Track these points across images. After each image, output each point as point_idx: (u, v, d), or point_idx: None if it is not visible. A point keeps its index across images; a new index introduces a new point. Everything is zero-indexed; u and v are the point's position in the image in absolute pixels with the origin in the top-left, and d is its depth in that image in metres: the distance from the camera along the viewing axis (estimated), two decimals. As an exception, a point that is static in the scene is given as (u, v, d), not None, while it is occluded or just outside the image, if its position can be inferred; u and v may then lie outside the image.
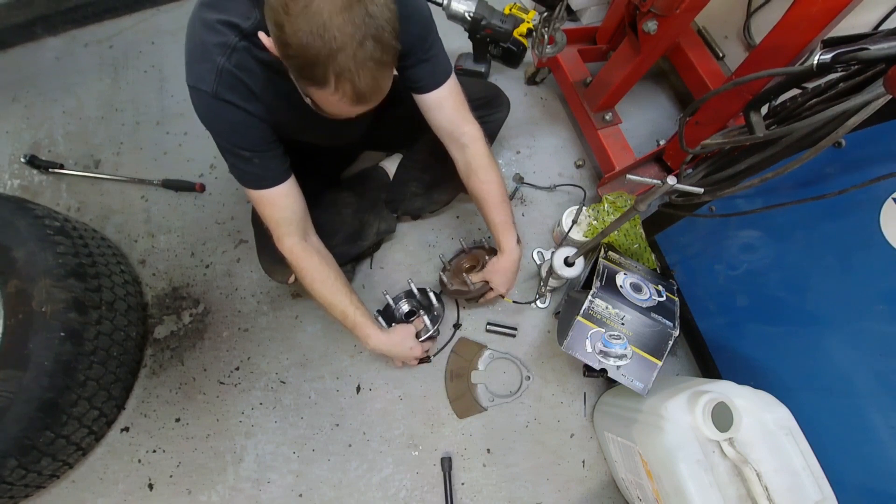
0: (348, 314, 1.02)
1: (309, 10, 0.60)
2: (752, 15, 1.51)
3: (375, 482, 1.21)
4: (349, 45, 0.61)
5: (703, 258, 1.19)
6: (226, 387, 1.28)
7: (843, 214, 0.83)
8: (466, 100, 1.01)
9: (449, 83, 0.97)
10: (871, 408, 0.84)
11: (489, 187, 1.05)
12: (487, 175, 1.04)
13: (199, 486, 1.19)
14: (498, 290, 1.19)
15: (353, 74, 0.64)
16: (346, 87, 0.66)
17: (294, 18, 0.60)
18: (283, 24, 0.62)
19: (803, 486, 0.81)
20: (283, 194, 0.92)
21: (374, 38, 0.63)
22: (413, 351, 1.14)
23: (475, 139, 1.02)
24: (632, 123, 1.63)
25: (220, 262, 1.40)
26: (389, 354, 1.13)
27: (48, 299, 0.98)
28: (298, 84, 0.73)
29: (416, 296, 1.29)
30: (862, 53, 0.66)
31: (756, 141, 0.83)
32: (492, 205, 1.07)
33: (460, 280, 1.25)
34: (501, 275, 1.16)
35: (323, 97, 0.70)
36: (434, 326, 1.21)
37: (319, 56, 0.62)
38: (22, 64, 1.65)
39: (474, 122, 1.03)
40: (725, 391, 0.89)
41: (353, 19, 0.61)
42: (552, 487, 1.23)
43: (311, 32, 0.60)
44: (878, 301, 0.80)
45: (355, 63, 0.63)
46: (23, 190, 1.46)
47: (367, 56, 0.63)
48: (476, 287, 1.22)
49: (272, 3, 0.62)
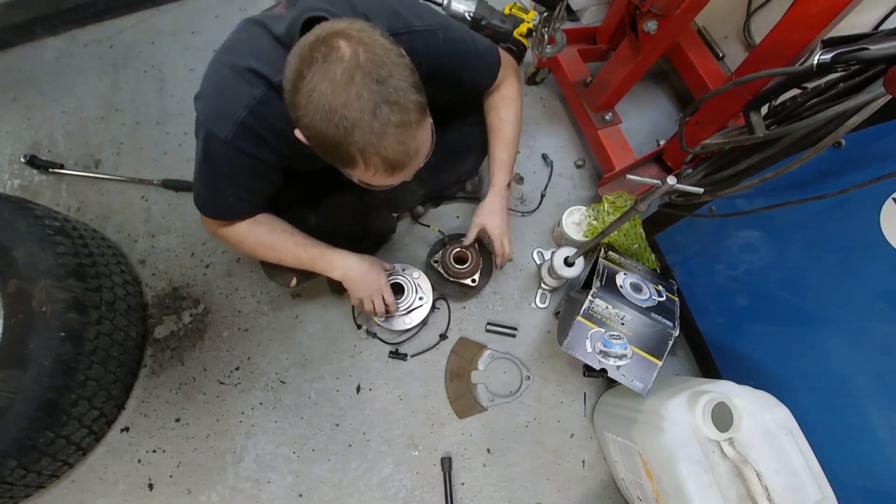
0: (300, 254, 0.96)
1: (313, 98, 0.58)
2: (752, 15, 1.51)
3: (375, 482, 1.21)
4: (362, 119, 0.58)
5: (703, 258, 1.19)
6: (226, 387, 1.28)
7: (843, 214, 0.83)
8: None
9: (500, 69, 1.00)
10: (871, 408, 0.84)
11: (503, 125, 1.06)
12: (506, 113, 1.05)
13: (199, 486, 1.19)
14: (492, 231, 1.14)
15: (377, 147, 0.61)
16: (375, 161, 0.63)
17: (303, 110, 0.59)
18: (298, 118, 0.61)
19: (803, 486, 0.81)
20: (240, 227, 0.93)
21: (388, 102, 0.59)
22: (380, 279, 1.09)
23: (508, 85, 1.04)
24: (632, 123, 1.63)
25: (220, 262, 1.40)
26: (356, 282, 1.04)
27: (48, 299, 0.98)
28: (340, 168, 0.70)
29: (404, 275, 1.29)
30: (862, 53, 0.66)
31: (756, 141, 0.83)
32: (500, 141, 1.07)
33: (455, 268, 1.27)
34: (492, 214, 1.13)
35: (358, 175, 0.68)
36: (413, 296, 1.24)
37: (337, 139, 0.60)
38: (22, 64, 1.65)
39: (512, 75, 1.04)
40: (725, 391, 0.89)
41: (360, 92, 0.57)
42: (552, 487, 1.23)
43: (321, 119, 0.59)
44: (878, 301, 0.80)
45: (375, 135, 0.60)
46: (23, 190, 1.46)
47: (385, 123, 0.60)
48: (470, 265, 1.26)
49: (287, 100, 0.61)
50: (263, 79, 0.74)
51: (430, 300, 1.28)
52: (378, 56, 0.59)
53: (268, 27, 0.75)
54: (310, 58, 0.58)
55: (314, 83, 0.58)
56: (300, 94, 0.59)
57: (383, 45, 0.60)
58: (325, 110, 0.58)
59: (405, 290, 1.26)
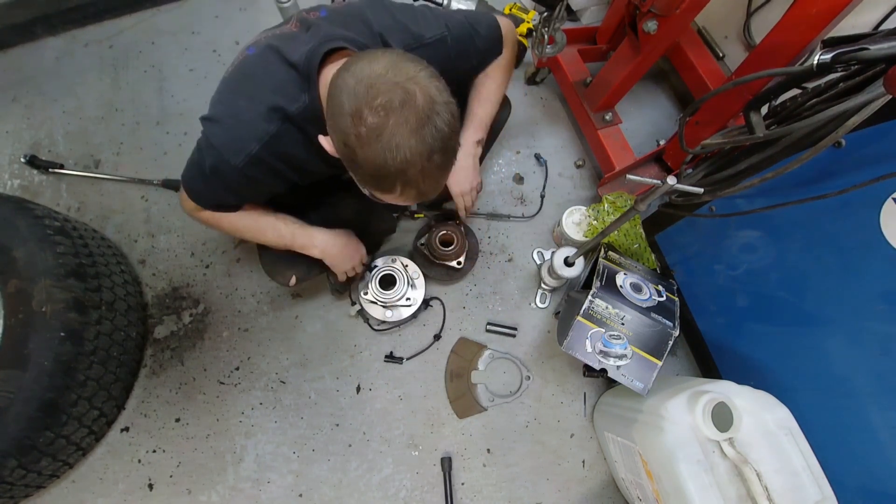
0: (280, 228, 0.99)
1: (382, 138, 0.61)
2: (752, 15, 1.51)
3: (375, 482, 1.21)
4: (418, 161, 0.64)
5: (703, 258, 1.19)
6: (226, 387, 1.28)
7: (843, 214, 0.83)
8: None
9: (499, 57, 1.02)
10: (871, 408, 0.84)
11: (487, 82, 1.05)
12: (494, 72, 1.05)
13: (199, 486, 1.19)
14: (452, 189, 1.14)
15: (419, 184, 0.67)
16: (411, 192, 0.69)
17: (367, 145, 0.62)
18: (353, 148, 0.63)
19: (803, 486, 0.81)
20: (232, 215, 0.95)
21: (441, 150, 0.65)
22: (359, 250, 1.14)
23: (504, 51, 1.04)
24: (632, 123, 1.63)
25: (220, 262, 1.40)
26: (336, 256, 1.07)
27: (48, 299, 0.98)
28: (359, 184, 0.74)
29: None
30: (862, 53, 0.66)
31: (756, 141, 0.83)
32: (480, 98, 1.06)
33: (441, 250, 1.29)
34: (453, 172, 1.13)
35: (385, 197, 0.72)
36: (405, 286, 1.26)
37: (389, 172, 0.64)
38: (22, 64, 1.65)
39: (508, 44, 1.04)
40: (725, 391, 0.89)
41: (424, 138, 0.63)
42: (552, 487, 1.23)
43: (383, 157, 0.62)
44: (878, 301, 0.80)
45: (423, 175, 0.66)
46: (23, 190, 1.46)
47: (434, 167, 0.66)
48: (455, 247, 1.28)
49: (341, 127, 0.63)
50: (280, 111, 0.76)
51: (423, 287, 1.29)
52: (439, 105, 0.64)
53: (282, 53, 0.77)
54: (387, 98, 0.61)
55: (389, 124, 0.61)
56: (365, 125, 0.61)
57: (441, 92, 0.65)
58: (390, 148, 0.62)
59: (396, 281, 1.26)
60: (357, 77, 0.62)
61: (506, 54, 1.04)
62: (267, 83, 0.77)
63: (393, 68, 0.62)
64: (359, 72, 0.63)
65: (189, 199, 0.92)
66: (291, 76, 0.76)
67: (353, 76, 0.63)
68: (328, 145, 0.72)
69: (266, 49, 0.79)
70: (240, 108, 0.77)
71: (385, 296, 1.23)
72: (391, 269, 1.27)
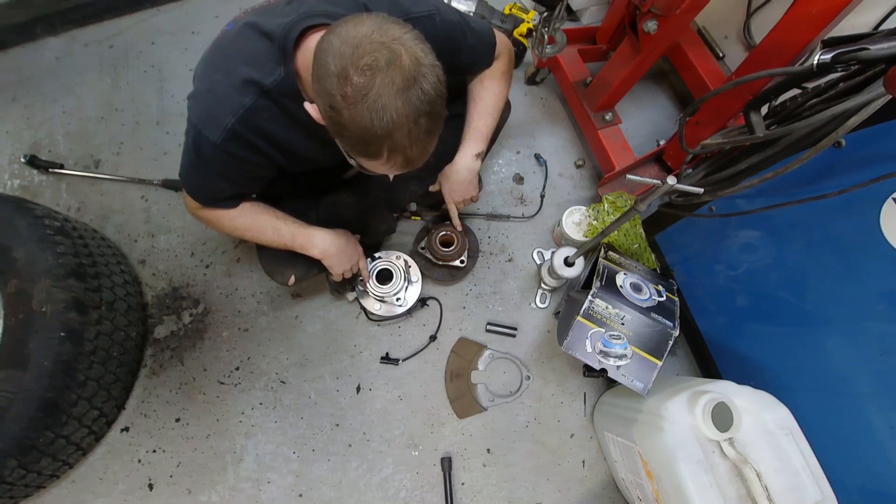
0: (280, 228, 0.99)
1: (368, 98, 0.61)
2: (752, 15, 1.51)
3: (375, 482, 1.21)
4: (405, 124, 0.63)
5: (703, 258, 1.19)
6: (226, 387, 1.28)
7: (843, 214, 0.83)
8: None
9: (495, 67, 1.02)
10: (871, 408, 0.84)
11: (485, 94, 1.05)
12: (492, 84, 1.04)
13: (199, 486, 1.19)
14: (445, 196, 1.17)
15: (407, 148, 0.67)
16: (398, 158, 0.68)
17: (352, 106, 0.62)
18: (340, 109, 0.63)
19: (803, 486, 0.81)
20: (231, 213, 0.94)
21: (428, 114, 0.65)
22: (357, 250, 1.14)
23: (499, 61, 1.03)
24: (632, 123, 1.63)
25: (220, 262, 1.40)
26: (335, 257, 1.07)
27: (48, 299, 0.98)
28: (346, 152, 0.73)
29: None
30: (862, 53, 0.66)
31: (756, 141, 0.83)
32: (478, 111, 1.05)
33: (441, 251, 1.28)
34: (449, 180, 1.13)
35: (372, 166, 0.72)
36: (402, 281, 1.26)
37: (376, 136, 0.64)
38: (22, 64, 1.65)
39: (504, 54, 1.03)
40: (725, 391, 0.89)
41: (410, 99, 0.62)
42: (552, 487, 1.23)
43: (369, 117, 0.62)
44: (878, 301, 0.80)
45: (409, 139, 0.65)
46: (23, 190, 1.46)
47: (421, 131, 0.66)
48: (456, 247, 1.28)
49: (327, 89, 0.63)
50: (255, 85, 0.75)
51: (419, 285, 1.29)
52: (425, 67, 0.63)
53: (259, 26, 0.75)
54: (373, 58, 0.60)
55: (375, 84, 0.60)
56: (351, 85, 0.61)
57: (427, 54, 0.64)
58: (376, 109, 0.61)
59: (393, 277, 1.26)
60: (342, 38, 0.62)
61: (501, 64, 1.03)
62: (241, 56, 0.76)
63: (378, 30, 0.62)
64: (344, 33, 0.62)
65: (188, 197, 0.92)
66: (265, 47, 0.75)
67: (338, 37, 0.62)
68: (314, 112, 0.70)
69: (244, 25, 0.78)
70: (215, 83, 0.76)
71: (380, 290, 1.23)
72: (390, 265, 1.27)
